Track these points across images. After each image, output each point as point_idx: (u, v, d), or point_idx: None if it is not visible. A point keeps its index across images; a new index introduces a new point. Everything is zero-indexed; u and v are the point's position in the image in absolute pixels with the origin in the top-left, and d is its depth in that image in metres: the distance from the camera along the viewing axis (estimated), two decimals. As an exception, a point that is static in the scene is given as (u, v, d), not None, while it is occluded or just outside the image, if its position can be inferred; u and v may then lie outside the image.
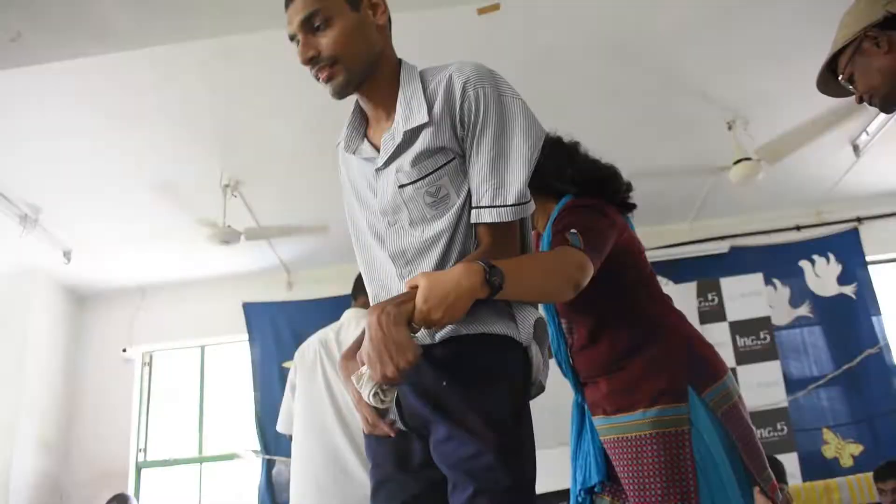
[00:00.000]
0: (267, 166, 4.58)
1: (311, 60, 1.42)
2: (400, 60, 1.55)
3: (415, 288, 1.26)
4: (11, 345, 5.46)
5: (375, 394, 1.28)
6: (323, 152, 1.62)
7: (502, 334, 1.36)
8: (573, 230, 1.60)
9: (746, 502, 1.68)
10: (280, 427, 3.11)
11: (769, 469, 1.76)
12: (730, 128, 4.48)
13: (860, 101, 1.87)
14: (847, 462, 5.17)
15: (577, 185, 1.92)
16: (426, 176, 1.40)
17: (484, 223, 1.37)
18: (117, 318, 6.13)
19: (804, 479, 4.97)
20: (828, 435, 5.28)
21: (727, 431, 1.70)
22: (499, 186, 1.35)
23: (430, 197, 1.40)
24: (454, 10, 3.36)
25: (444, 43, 3.65)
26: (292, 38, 1.44)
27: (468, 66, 1.43)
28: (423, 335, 1.34)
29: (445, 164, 1.40)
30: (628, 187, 2.01)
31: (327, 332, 2.99)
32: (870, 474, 4.31)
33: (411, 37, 3.62)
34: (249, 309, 5.99)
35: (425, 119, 1.40)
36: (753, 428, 1.77)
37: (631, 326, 1.84)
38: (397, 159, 1.43)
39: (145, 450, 5.97)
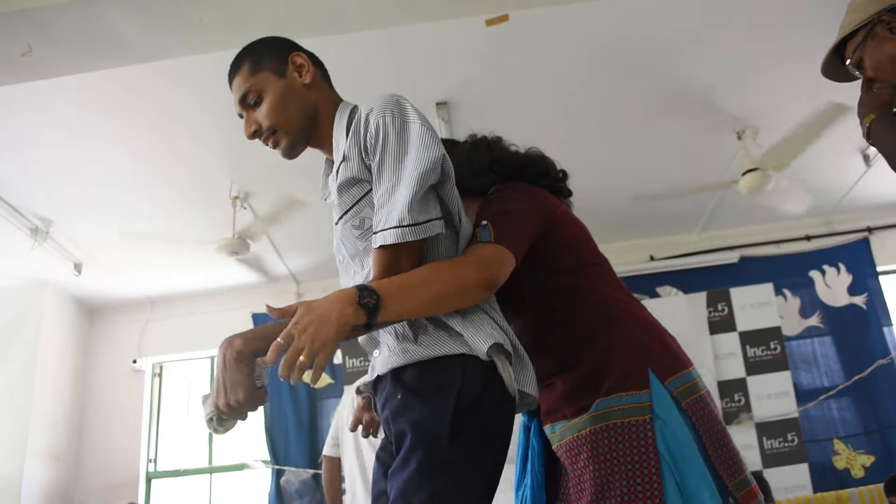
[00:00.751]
0: (276, 178, 4.61)
1: (255, 134, 1.54)
2: (339, 104, 1.57)
3: (290, 315, 1.25)
4: (22, 356, 5.49)
5: (210, 419, 1.30)
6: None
7: (446, 355, 1.36)
8: (483, 222, 1.49)
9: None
10: (326, 450, 3.56)
11: (747, 474, 1.52)
12: (739, 138, 4.48)
13: (866, 85, 1.82)
14: (858, 473, 5.13)
15: (496, 172, 1.74)
16: (348, 210, 1.44)
17: (375, 248, 1.35)
18: (127, 329, 6.16)
19: (815, 490, 4.95)
20: (839, 446, 5.25)
21: (694, 424, 1.49)
22: (389, 211, 1.33)
23: (356, 230, 1.44)
24: (462, 22, 3.37)
25: (452, 56, 3.68)
26: (239, 115, 1.57)
27: (378, 97, 1.41)
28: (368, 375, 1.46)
29: (363, 197, 1.42)
30: (563, 174, 1.82)
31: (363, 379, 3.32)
32: (881, 485, 4.28)
33: (419, 51, 3.66)
34: (259, 320, 6.01)
35: (341, 155, 1.44)
36: (724, 426, 1.54)
37: (577, 316, 1.61)
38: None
39: (155, 460, 5.99)
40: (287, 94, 1.51)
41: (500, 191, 1.67)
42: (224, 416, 1.29)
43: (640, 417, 1.46)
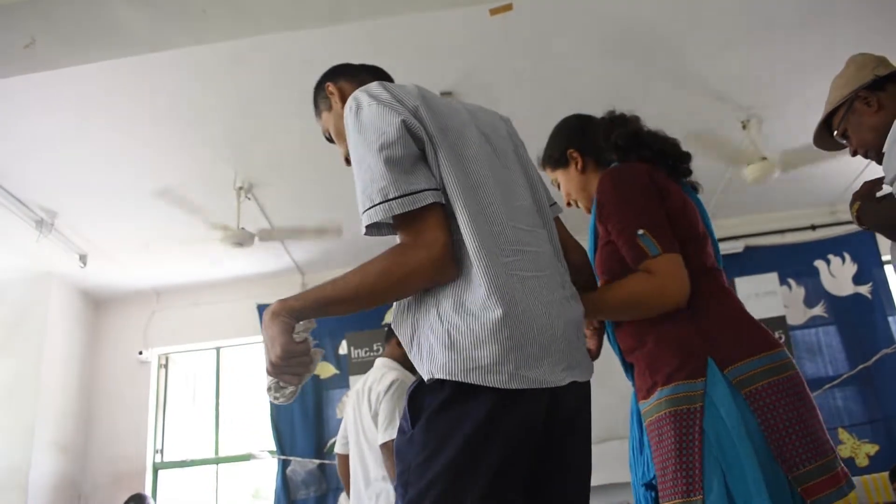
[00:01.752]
0: (280, 169, 4.61)
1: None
2: None
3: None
4: (29, 348, 5.52)
5: (269, 388, 1.34)
6: (335, 154, 1.63)
7: (420, 378, 1.31)
8: (640, 231, 1.60)
9: (772, 493, 1.42)
10: (336, 448, 3.58)
11: (823, 462, 1.48)
12: (744, 127, 4.46)
13: (854, 154, 2.07)
14: (863, 462, 5.13)
15: (620, 149, 1.82)
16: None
17: (365, 229, 1.33)
18: (133, 320, 6.19)
19: (820, 480, 4.94)
20: (843, 435, 5.25)
21: (751, 415, 1.49)
22: (370, 194, 1.30)
23: None
24: (466, 12, 3.37)
25: (456, 45, 3.67)
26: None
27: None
28: None
29: None
30: (685, 156, 1.87)
31: (363, 379, 3.41)
32: (885, 474, 4.29)
33: (423, 41, 3.65)
34: (264, 311, 6.01)
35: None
36: (802, 415, 1.51)
37: None
38: None
39: (162, 451, 6.02)
40: (339, 123, 1.65)
41: (614, 176, 1.73)
42: (281, 384, 1.32)
43: (691, 406, 1.52)
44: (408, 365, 3.10)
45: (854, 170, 5.19)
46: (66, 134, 3.99)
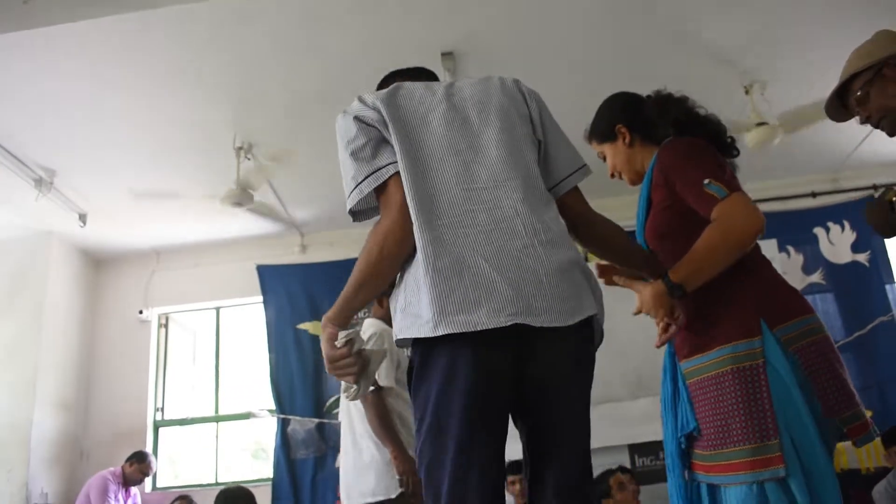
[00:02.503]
0: (280, 129, 4.59)
1: None
2: None
3: None
4: (29, 307, 5.56)
5: (343, 387, 1.57)
6: (334, 114, 1.62)
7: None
8: (706, 181, 1.71)
9: (824, 441, 1.64)
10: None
11: (856, 410, 1.71)
12: (747, 92, 4.44)
13: (865, 121, 2.05)
14: (856, 427, 5.18)
15: (676, 127, 1.95)
16: None
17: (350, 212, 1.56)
18: (133, 280, 6.22)
19: (812, 444, 5.00)
20: (837, 401, 5.30)
21: (800, 366, 1.67)
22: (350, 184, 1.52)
23: None
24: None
25: (458, 6, 3.63)
26: None
27: None
28: None
29: None
30: (731, 139, 2.05)
31: None
32: (878, 439, 4.34)
33: (425, 1, 3.62)
34: (263, 271, 6.04)
35: None
36: (837, 369, 1.71)
37: None
38: None
39: (163, 409, 6.09)
40: None
41: (680, 144, 1.88)
42: (349, 384, 1.49)
43: (754, 363, 1.67)
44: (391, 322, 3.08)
45: (856, 139, 5.17)
46: (65, 92, 3.97)
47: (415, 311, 1.36)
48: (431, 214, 1.38)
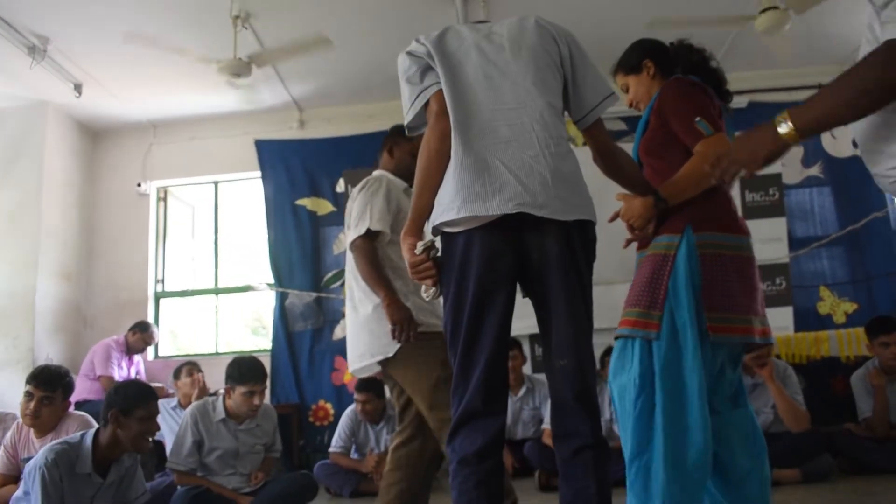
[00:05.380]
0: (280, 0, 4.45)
1: None
2: None
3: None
4: (28, 178, 5.57)
5: (422, 289, 1.80)
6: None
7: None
8: (698, 119, 2.04)
9: (700, 330, 2.01)
10: None
11: (730, 316, 2.05)
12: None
13: None
14: (840, 319, 5.33)
15: (684, 68, 2.30)
16: None
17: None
18: (131, 153, 6.20)
19: (796, 331, 5.15)
20: (824, 292, 5.42)
21: (698, 268, 2.05)
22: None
23: None
24: None
25: None
26: None
27: None
28: None
29: None
30: (728, 92, 2.38)
31: None
32: (860, 329, 4.46)
33: None
34: (262, 146, 6.01)
35: None
36: (733, 279, 2.07)
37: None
38: None
39: (163, 280, 6.20)
40: None
41: (683, 82, 2.22)
42: (428, 286, 1.74)
43: (668, 252, 2.09)
44: (398, 174, 2.87)
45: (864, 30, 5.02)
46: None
47: (444, 201, 1.67)
48: (465, 126, 1.71)
